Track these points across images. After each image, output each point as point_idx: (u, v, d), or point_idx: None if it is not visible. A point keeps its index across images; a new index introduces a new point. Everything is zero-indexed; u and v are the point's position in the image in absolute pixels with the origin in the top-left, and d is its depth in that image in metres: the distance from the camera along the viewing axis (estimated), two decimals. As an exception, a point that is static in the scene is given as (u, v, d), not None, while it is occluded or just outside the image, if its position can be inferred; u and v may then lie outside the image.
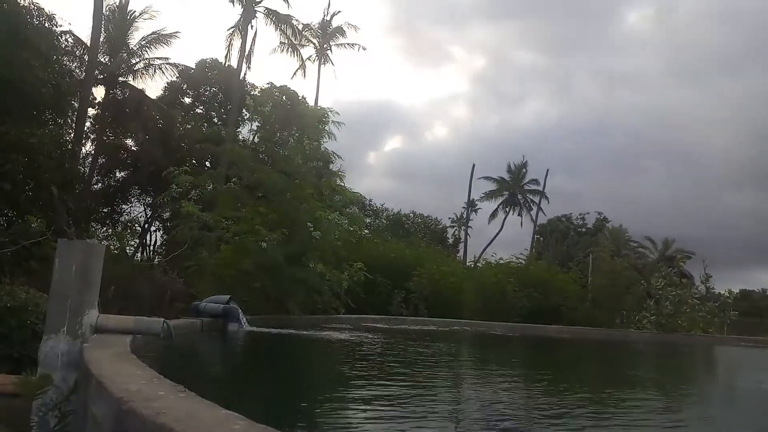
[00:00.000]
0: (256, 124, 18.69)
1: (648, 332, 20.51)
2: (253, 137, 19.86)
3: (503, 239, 49.74)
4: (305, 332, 10.78)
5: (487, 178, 52.20)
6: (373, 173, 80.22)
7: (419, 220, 51.20)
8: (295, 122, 16.46)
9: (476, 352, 10.99)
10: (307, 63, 35.19)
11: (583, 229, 56.96)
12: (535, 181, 51.40)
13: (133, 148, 25.43)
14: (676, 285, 22.82)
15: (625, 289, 22.06)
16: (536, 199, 51.17)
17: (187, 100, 28.64)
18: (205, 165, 23.98)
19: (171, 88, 27.41)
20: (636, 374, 9.45)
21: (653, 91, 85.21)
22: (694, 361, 13.20)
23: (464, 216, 52.40)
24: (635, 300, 22.28)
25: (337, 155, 19.04)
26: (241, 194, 14.91)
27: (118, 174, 25.65)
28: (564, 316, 20.95)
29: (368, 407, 4.11)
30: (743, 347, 19.35)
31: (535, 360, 10.82)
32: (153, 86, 31.41)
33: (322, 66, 36.82)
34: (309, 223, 12.44)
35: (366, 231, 25.23)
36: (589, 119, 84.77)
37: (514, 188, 52.20)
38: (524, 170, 52.25)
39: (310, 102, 27.64)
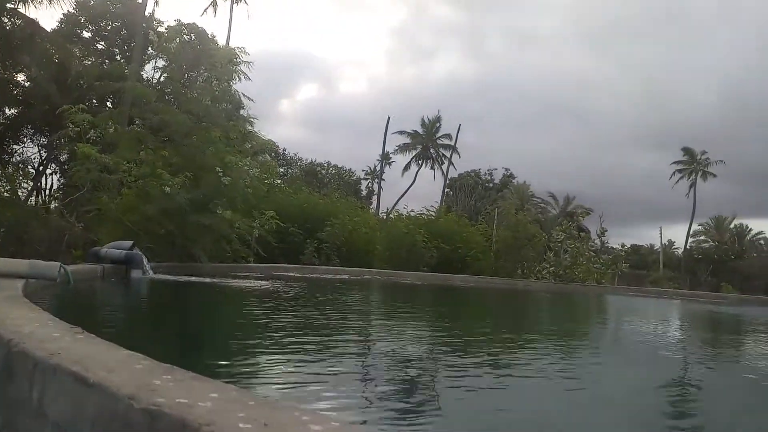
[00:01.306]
0: (163, 63, 17.64)
1: (547, 282, 21.74)
2: (160, 76, 18.76)
3: (415, 192, 50.65)
4: (213, 280, 10.54)
5: (401, 131, 52.56)
6: (286, 122, 78.71)
7: (333, 171, 51.01)
8: (204, 62, 15.65)
9: (386, 299, 11.20)
10: (219, 1, 33.39)
11: (491, 184, 58.91)
12: (448, 136, 52.31)
13: (24, 83, 23.34)
14: (574, 238, 24.23)
15: (527, 241, 23.10)
16: (448, 153, 52.19)
17: (87, 34, 26.40)
18: (106, 105, 22.46)
19: (68, 21, 25.14)
20: (534, 320, 10.04)
21: (561, 54, 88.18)
22: (587, 308, 14.16)
23: (378, 168, 52.69)
24: (536, 252, 23.44)
25: (248, 97, 18.38)
26: (145, 136, 14.11)
27: (8, 111, 23.56)
28: (470, 266, 21.76)
29: (278, 354, 4.07)
30: (630, 296, 20.99)
31: (440, 305, 11.19)
32: (47, 17, 28.81)
33: (235, 5, 35.00)
34: (217, 168, 11.98)
35: (279, 180, 24.79)
36: (500, 77, 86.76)
37: (427, 142, 52.94)
38: (438, 125, 53.00)
39: (221, 43, 26.36)
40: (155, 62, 18.36)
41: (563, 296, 17.85)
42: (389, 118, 48.62)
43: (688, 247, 54.09)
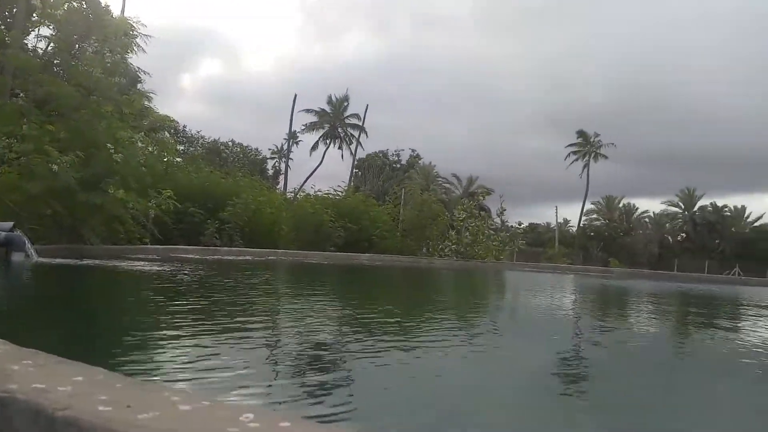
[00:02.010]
0: (50, 32, 16.30)
1: (449, 259, 22.40)
2: (47, 47, 17.32)
3: (323, 172, 50.37)
4: (104, 263, 9.98)
5: (308, 110, 51.83)
6: (188, 98, 75.55)
7: (238, 149, 49.61)
8: (95, 32, 14.60)
9: (291, 280, 11.10)
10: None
11: (398, 165, 59.63)
12: (356, 116, 52.20)
13: None
14: (475, 217, 25.09)
15: (431, 220, 23.66)
16: (356, 133, 52.14)
17: (-39, -2, 23.90)
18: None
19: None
20: (438, 295, 10.32)
21: (465, 36, 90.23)
22: (487, 284, 14.73)
23: (285, 147, 51.83)
24: (440, 231, 24.06)
25: (145, 71, 17.38)
26: (28, 109, 13.01)
27: None
28: (376, 245, 22.01)
29: (178, 341, 3.92)
30: (527, 271, 22.09)
31: (345, 284, 11.25)
32: None
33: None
34: (109, 145, 11.26)
35: (178, 158, 23.77)
36: (406, 58, 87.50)
37: (335, 121, 52.58)
38: (346, 104, 52.71)
39: (116, 13, 24.71)
40: (39, 30, 16.90)
41: (464, 273, 18.48)
42: (296, 95, 47.78)
43: (581, 225, 57.47)
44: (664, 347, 5.57)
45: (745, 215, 55.64)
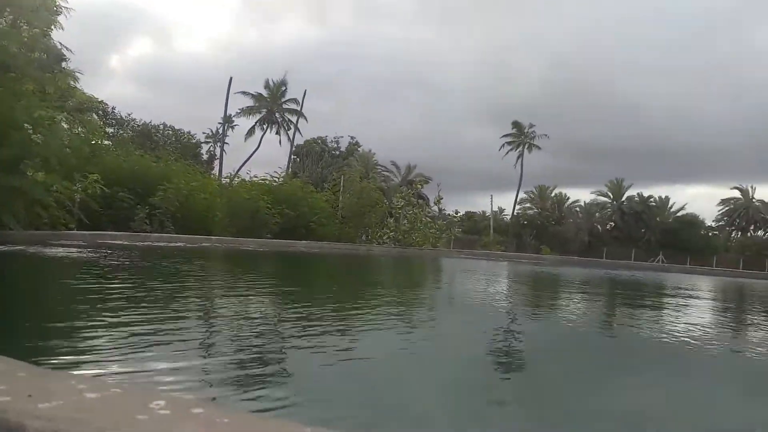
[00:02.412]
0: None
1: (387, 246, 22.53)
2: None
3: (261, 158, 49.52)
4: (25, 249, 9.48)
5: (244, 93, 50.69)
6: (117, 79, 72.46)
7: (170, 132, 48.03)
8: (9, 4, 13.71)
9: (225, 267, 10.86)
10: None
11: (337, 152, 59.30)
12: (294, 101, 51.39)
13: None
14: (413, 205, 25.33)
15: (369, 208, 23.70)
16: (294, 118, 51.42)
17: None
18: None
19: None
20: (375, 282, 10.36)
21: (405, 25, 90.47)
22: (424, 271, 14.92)
23: (220, 132, 50.55)
24: (378, 218, 24.16)
25: (68, 48, 16.51)
26: (-64, 85, 12.11)
27: None
28: (314, 232, 21.84)
29: (104, 330, 3.75)
30: (462, 258, 22.52)
31: (282, 271, 11.12)
32: None
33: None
34: (27, 125, 10.62)
35: (107, 141, 22.77)
36: (346, 45, 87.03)
37: (273, 106, 51.66)
38: (284, 88, 51.82)
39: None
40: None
41: (402, 260, 18.63)
42: (231, 78, 46.51)
43: (515, 213, 58.98)
44: (591, 331, 5.80)
45: (669, 205, 58.56)
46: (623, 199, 59.00)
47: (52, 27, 14.94)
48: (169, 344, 3.41)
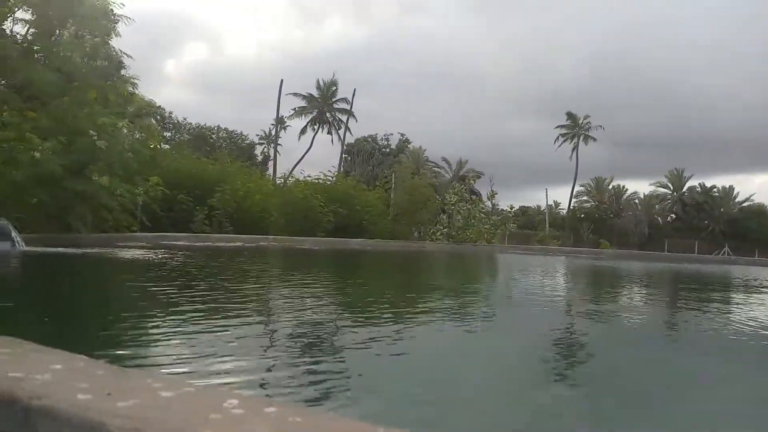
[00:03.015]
0: (29, 16, 15.95)
1: (441, 243, 22.42)
2: (27, 32, 16.96)
3: (312, 157, 50.11)
4: (92, 251, 9.87)
5: (295, 94, 51.33)
6: (173, 84, 74.71)
7: (225, 134, 49.18)
8: (73, 14, 14.26)
9: (288, 265, 11.02)
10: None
11: (387, 149, 59.33)
12: (344, 100, 51.70)
13: None
14: (467, 201, 25.10)
15: (422, 204, 23.63)
16: (344, 118, 51.75)
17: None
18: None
19: None
20: (434, 278, 10.31)
21: (446, 20, 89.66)
22: (482, 266, 14.75)
23: (273, 133, 51.40)
24: (431, 214, 24.05)
25: (128, 55, 17.08)
26: (7, 96, 12.74)
27: None
28: (367, 230, 21.95)
29: (174, 328, 3.85)
30: (519, 253, 22.15)
31: (340, 269, 11.20)
32: None
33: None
34: (92, 131, 11.05)
35: (165, 145, 23.55)
36: (389, 42, 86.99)
37: (324, 106, 52.14)
38: (334, 88, 52.18)
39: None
40: (13, 16, 16.51)
41: (457, 256, 18.49)
42: (282, 80, 47.21)
43: (571, 207, 57.65)
44: (662, 326, 5.59)
45: (734, 195, 56.03)
46: (684, 189, 56.81)
47: (112, 35, 15.48)
48: (238, 342, 3.47)
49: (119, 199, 12.37)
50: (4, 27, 19.82)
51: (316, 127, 52.26)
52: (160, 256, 9.80)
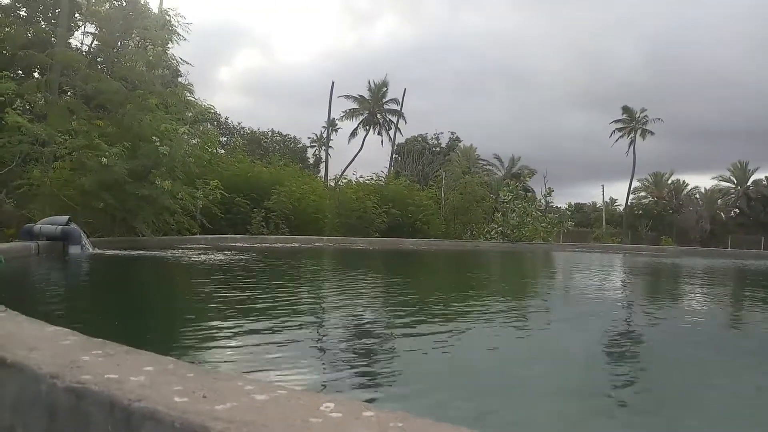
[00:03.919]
0: (93, 28, 16.67)
1: (495, 242, 22.11)
2: (91, 43, 17.70)
3: (363, 158, 50.37)
4: (157, 253, 10.17)
5: (347, 96, 51.72)
6: (226, 90, 76.67)
7: (278, 138, 50.03)
8: (136, 26, 14.79)
9: (347, 265, 11.09)
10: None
11: (438, 149, 59.03)
12: (395, 101, 51.78)
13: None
14: (521, 199, 24.69)
15: (475, 203, 23.39)
16: (395, 118, 51.80)
17: (6, 0, 24.62)
18: (33, 75, 21.10)
19: (-18, -15, 23.32)
20: (492, 278, 10.15)
21: (497, 16, 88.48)
22: (541, 265, 14.45)
23: (324, 135, 51.94)
24: (484, 213, 23.78)
25: (186, 62, 17.59)
26: (77, 105, 13.31)
27: None
28: (420, 230, 21.89)
29: (237, 326, 3.90)
30: (577, 252, 21.61)
31: (396, 268, 11.18)
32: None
33: (166, -32, 33.29)
34: (154, 137, 11.41)
35: (221, 150, 24.11)
36: (438, 40, 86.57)
37: (374, 107, 52.33)
38: (385, 89, 52.29)
39: (153, 8, 25.06)
40: (84, 28, 17.27)
41: (514, 255, 18.19)
42: (333, 83, 47.65)
43: (628, 203, 55.91)
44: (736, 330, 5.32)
45: (804, 188, 53.14)
46: (749, 183, 54.25)
47: (170, 43, 15.96)
48: (314, 345, 3.48)
49: (180, 202, 12.72)
50: (70, 41, 20.76)
51: (367, 128, 52.51)
52: (228, 258, 9.99)
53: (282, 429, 1.14)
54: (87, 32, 16.88)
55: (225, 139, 42.62)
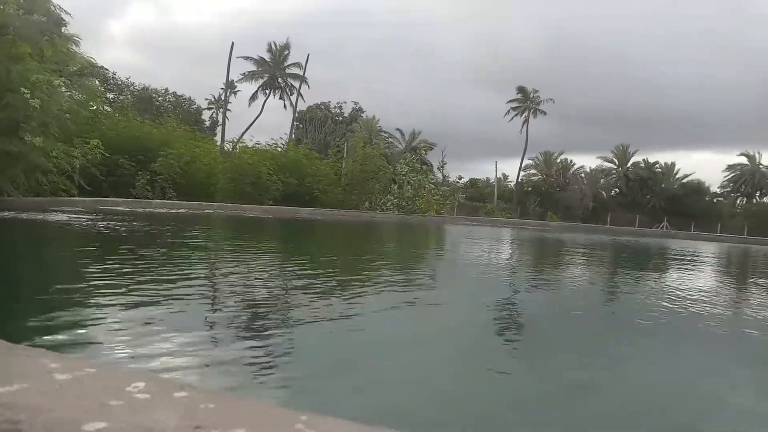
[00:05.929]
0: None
1: (391, 213, 22.39)
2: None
3: (264, 124, 49.21)
4: (22, 215, 9.34)
5: (246, 58, 49.78)
6: (116, 45, 71.41)
7: (171, 98, 47.53)
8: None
9: (233, 235, 10.73)
10: None
11: (340, 118, 58.60)
12: (297, 65, 50.41)
13: None
14: (417, 171, 25.09)
15: (373, 174, 23.49)
16: (297, 84, 50.62)
17: None
18: None
19: None
20: (381, 248, 10.23)
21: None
22: (429, 237, 14.78)
23: (222, 97, 49.90)
24: (382, 185, 23.96)
25: (66, 12, 16.15)
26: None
27: None
28: (318, 199, 21.71)
29: (113, 300, 3.62)
30: (467, 225, 22.35)
31: (288, 238, 11.00)
32: None
33: None
34: (24, 88, 10.37)
35: (107, 107, 22.50)
36: (346, 9, 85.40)
37: (275, 71, 50.83)
38: (287, 52, 50.77)
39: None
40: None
41: (407, 226, 18.50)
42: (233, 43, 45.41)
43: (519, 179, 58.50)
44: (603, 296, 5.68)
45: (675, 172, 58.00)
46: (629, 165, 58.44)
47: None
48: (171, 317, 3.29)
49: (55, 161, 11.73)
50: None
51: (267, 92, 50.97)
52: (105, 222, 9.33)
53: (72, 413, 1.01)
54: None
55: (112, 95, 39.86)
